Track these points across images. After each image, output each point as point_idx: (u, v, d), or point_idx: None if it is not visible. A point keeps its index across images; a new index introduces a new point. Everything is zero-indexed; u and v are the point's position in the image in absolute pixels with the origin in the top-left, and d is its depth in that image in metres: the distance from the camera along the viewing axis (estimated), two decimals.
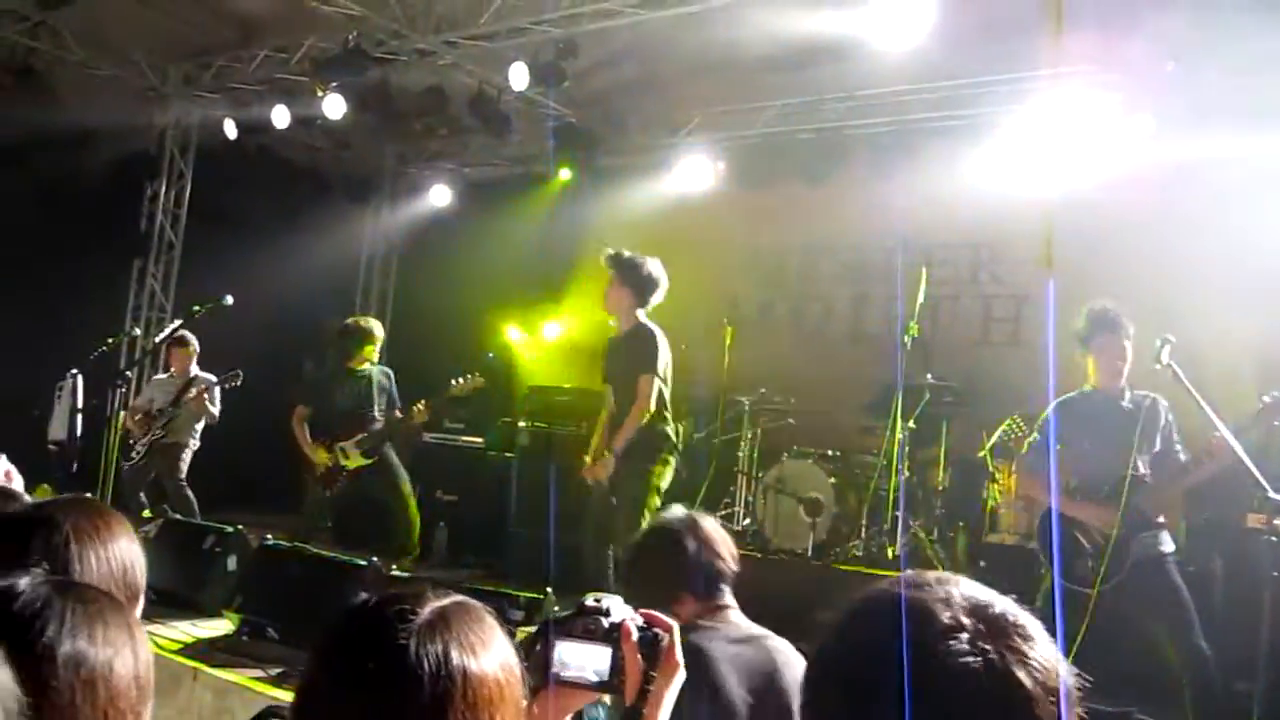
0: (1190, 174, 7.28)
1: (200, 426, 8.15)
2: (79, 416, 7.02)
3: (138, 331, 9.96)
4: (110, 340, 8.09)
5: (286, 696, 3.43)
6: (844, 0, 7.04)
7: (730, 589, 2.76)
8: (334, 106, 9.24)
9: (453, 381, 7.44)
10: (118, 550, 1.85)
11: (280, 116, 9.79)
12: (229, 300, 6.78)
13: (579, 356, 10.63)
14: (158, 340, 8.37)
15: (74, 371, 7.09)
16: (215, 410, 8.04)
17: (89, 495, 2.21)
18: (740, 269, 10.29)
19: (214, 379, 8.07)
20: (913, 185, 8.55)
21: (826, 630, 1.13)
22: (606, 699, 1.83)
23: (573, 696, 1.69)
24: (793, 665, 2.52)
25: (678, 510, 2.91)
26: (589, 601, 1.68)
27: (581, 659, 1.63)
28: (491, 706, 1.26)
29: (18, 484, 3.54)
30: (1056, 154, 7.99)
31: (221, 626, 5.42)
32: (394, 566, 6.85)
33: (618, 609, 1.67)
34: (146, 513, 7.39)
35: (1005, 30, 7.53)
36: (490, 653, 1.29)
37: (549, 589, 5.04)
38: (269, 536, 6.05)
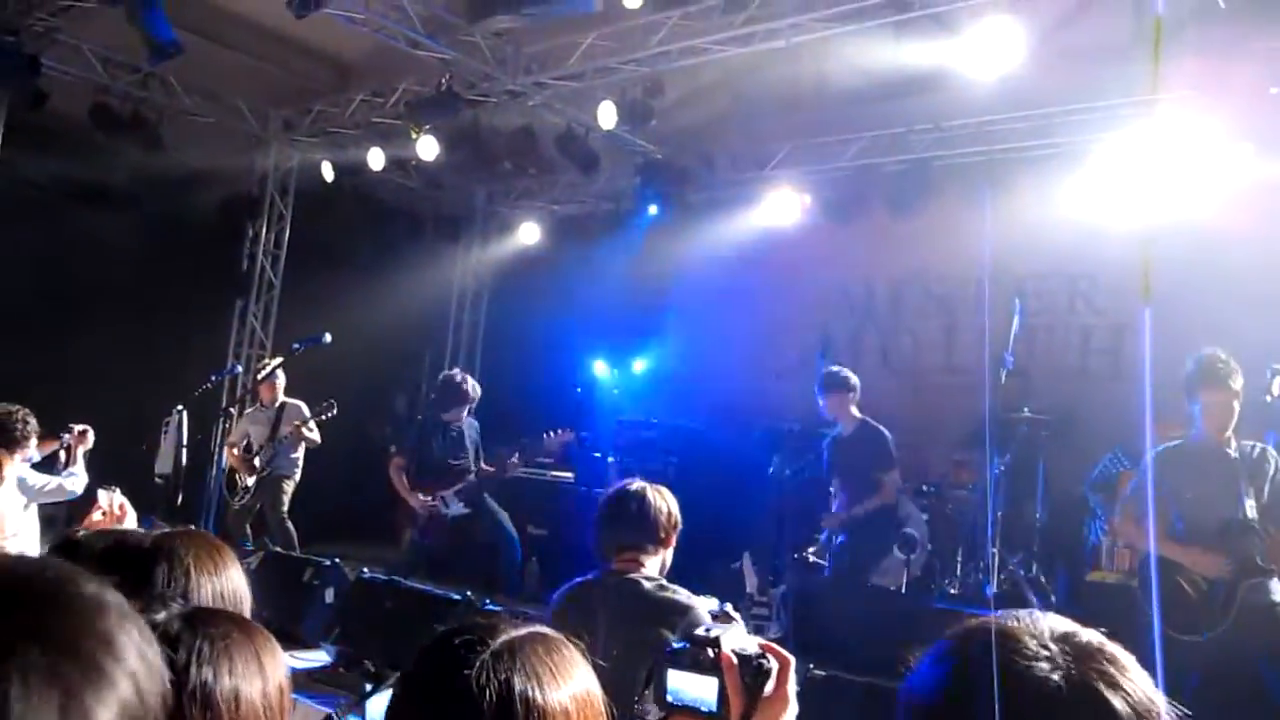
0: None
1: (299, 455, 8.32)
2: (184, 451, 7.22)
3: (239, 369, 10.24)
4: (214, 378, 8.33)
5: None
6: (932, 31, 6.99)
7: (652, 547, 3.26)
8: (427, 148, 9.44)
9: (545, 435, 7.57)
10: (229, 582, 1.90)
11: (375, 158, 10.05)
12: (328, 338, 6.95)
13: (667, 391, 10.66)
14: (259, 378, 8.61)
15: (180, 407, 7.29)
16: (315, 436, 8.21)
17: (199, 528, 2.28)
18: (829, 301, 10.22)
19: (303, 405, 8.26)
20: (1003, 215, 8.39)
21: (919, 662, 1.16)
22: None
23: None
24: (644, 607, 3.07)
25: (637, 481, 3.37)
26: (699, 632, 1.68)
27: (692, 689, 1.64)
28: None
29: (130, 518, 3.66)
30: (1154, 181, 7.78)
31: (319, 657, 5.51)
32: (488, 600, 6.91)
33: (731, 638, 1.67)
34: (249, 545, 7.57)
35: (1095, 57, 7.40)
36: (561, 684, 1.29)
37: None
38: (366, 570, 6.16)
